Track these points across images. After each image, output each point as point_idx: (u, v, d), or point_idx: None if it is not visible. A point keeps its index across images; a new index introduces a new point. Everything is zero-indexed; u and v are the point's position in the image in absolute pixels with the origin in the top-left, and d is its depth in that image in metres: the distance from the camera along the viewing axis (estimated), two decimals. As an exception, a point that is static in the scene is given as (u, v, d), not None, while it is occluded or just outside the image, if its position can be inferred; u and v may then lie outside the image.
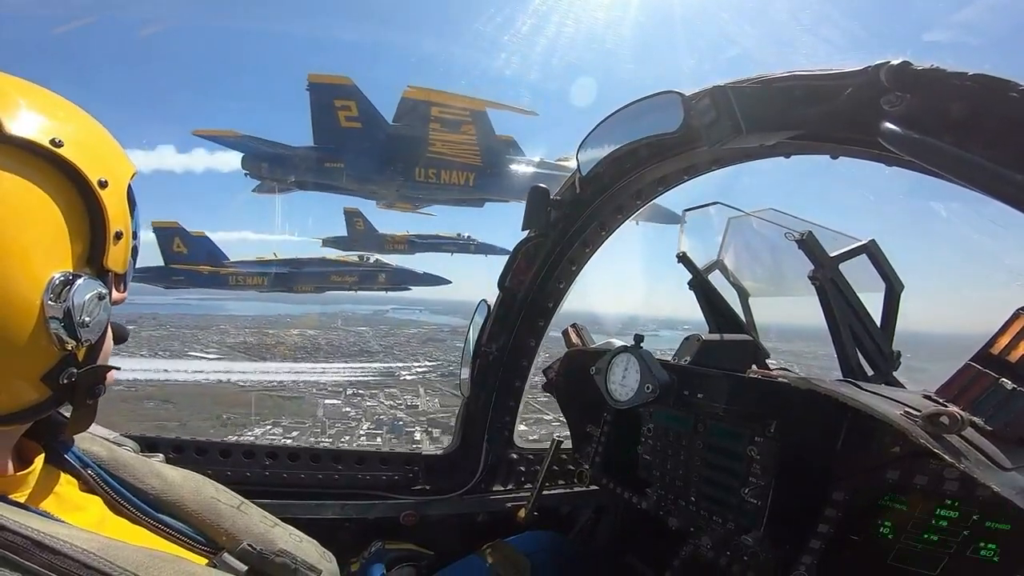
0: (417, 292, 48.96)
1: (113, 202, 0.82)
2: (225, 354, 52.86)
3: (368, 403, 40.15)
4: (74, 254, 0.78)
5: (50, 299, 0.75)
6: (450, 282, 48.32)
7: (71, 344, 0.78)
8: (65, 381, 0.80)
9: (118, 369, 0.92)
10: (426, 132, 34.23)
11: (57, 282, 0.75)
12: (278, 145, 34.92)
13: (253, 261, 42.90)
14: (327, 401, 39.94)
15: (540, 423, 24.78)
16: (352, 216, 42.05)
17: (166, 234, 39.57)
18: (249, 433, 32.31)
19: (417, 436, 33.56)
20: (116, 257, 0.83)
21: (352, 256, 43.87)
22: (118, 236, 0.83)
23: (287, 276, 42.94)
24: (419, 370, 48.80)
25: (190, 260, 39.74)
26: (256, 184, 35.96)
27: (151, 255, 39.59)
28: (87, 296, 0.78)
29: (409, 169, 35.21)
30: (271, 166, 34.64)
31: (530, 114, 41.58)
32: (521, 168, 35.48)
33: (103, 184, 0.80)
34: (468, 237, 44.00)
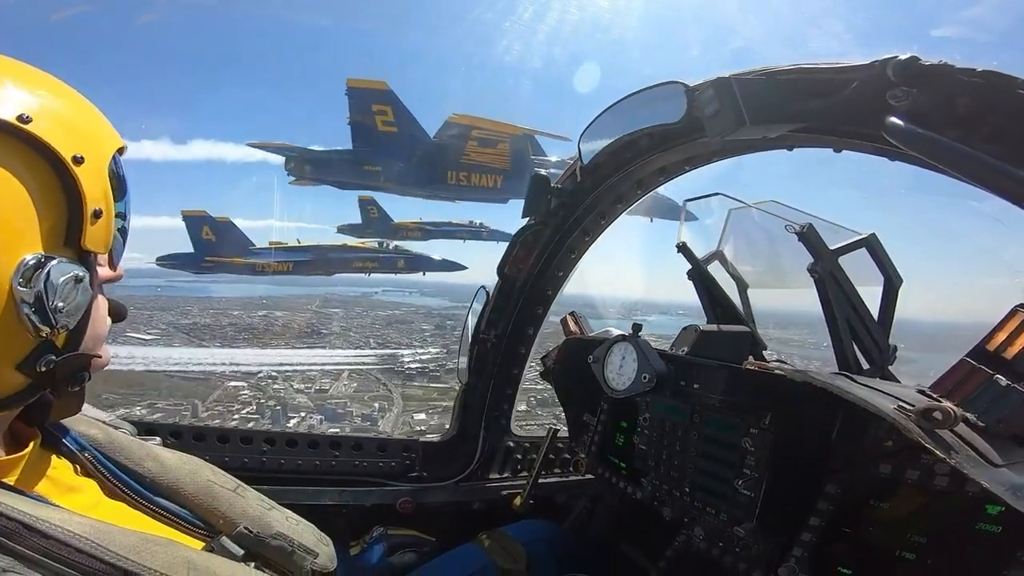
0: (422, 276, 49.10)
1: (90, 179, 0.77)
2: (167, 337, 50.26)
3: (276, 386, 38.61)
4: (48, 235, 0.74)
5: (20, 283, 0.70)
6: (466, 267, 48.89)
7: (45, 331, 0.74)
8: (43, 368, 0.77)
9: (98, 358, 0.87)
10: (463, 146, 36.54)
11: (28, 265, 0.71)
12: (319, 152, 37.34)
13: (280, 248, 43.55)
14: (231, 383, 38.28)
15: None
16: (366, 204, 42.57)
17: (195, 222, 40.42)
18: (113, 413, 31.54)
19: (292, 424, 31.13)
20: (95, 237, 0.79)
21: (372, 242, 44.55)
22: (97, 215, 0.78)
23: (312, 262, 43.57)
24: (357, 355, 47.43)
25: (218, 246, 40.59)
26: (293, 178, 38.07)
27: (182, 242, 40.61)
28: (61, 279, 0.73)
29: (443, 174, 37.33)
30: (312, 168, 36.90)
31: (563, 139, 42.20)
32: (544, 170, 36.30)
33: (78, 160, 0.75)
34: (480, 224, 44.62)
